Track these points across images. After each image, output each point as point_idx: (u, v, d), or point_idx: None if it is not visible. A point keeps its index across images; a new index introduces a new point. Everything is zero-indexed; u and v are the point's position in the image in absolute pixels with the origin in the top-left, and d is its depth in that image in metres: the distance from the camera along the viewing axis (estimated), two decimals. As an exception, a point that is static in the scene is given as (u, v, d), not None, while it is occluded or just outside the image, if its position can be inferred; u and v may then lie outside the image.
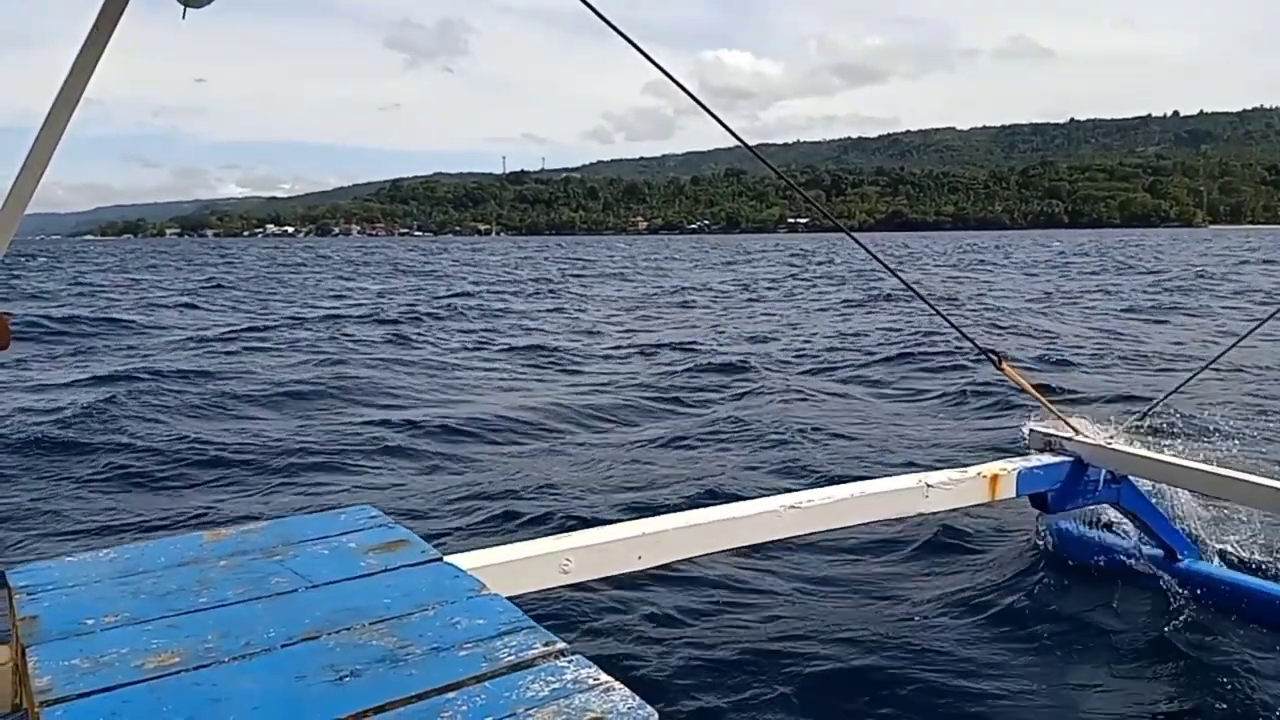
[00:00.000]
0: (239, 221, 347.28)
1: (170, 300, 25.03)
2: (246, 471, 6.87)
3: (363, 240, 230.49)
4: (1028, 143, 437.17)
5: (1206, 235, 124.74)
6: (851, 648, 3.82)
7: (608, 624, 4.05)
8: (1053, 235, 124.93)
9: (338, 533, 2.55)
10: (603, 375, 11.58)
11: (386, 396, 10.12)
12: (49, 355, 13.39)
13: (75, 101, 2.64)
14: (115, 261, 63.39)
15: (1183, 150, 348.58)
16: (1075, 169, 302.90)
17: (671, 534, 3.19)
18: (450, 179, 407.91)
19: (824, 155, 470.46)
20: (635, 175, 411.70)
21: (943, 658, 3.74)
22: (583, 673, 1.71)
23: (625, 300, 25.41)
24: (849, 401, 9.79)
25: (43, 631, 1.95)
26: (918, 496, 3.75)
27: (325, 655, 1.81)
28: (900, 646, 3.83)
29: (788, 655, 3.77)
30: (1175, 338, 14.79)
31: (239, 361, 12.37)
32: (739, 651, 3.81)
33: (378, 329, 16.90)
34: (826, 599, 4.37)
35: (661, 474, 6.67)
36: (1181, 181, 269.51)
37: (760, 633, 4.01)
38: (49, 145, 2.65)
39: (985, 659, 3.73)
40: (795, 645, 3.86)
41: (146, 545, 2.53)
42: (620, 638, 3.93)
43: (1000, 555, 4.84)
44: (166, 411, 8.86)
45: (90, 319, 18.41)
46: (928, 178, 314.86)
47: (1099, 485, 4.17)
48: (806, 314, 20.18)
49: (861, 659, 3.73)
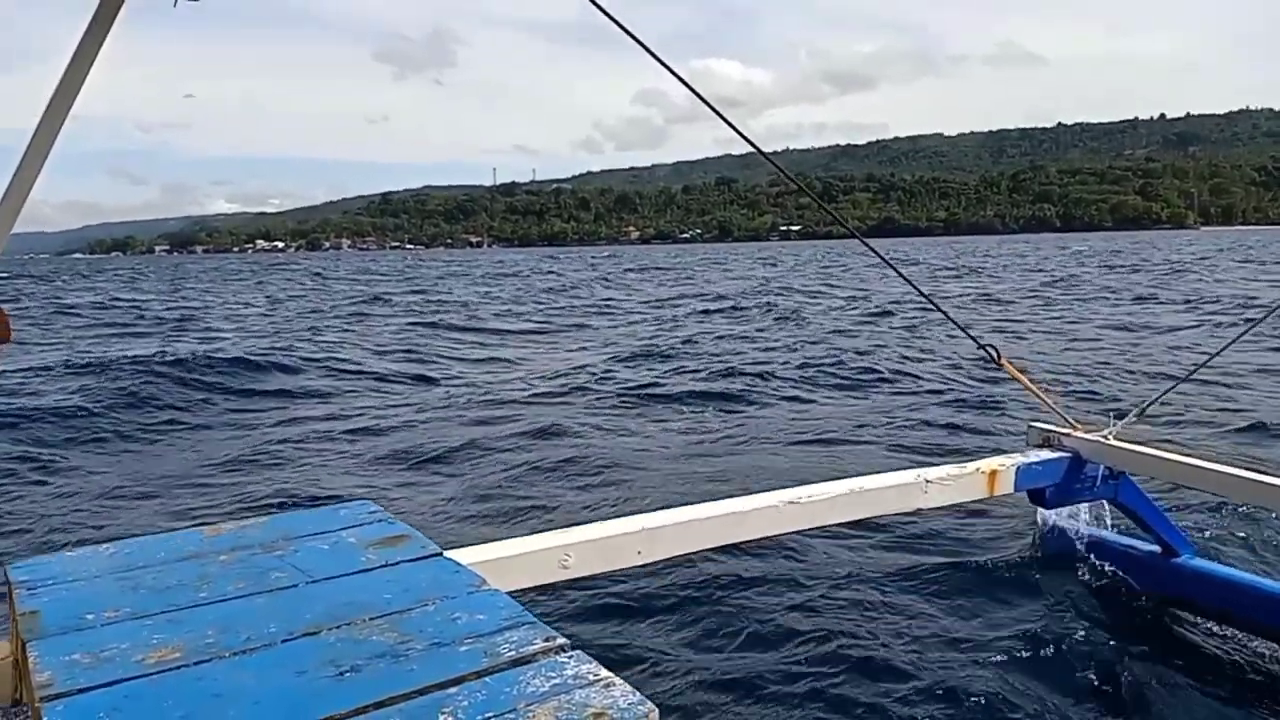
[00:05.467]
0: (228, 237, 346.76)
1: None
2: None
3: (387, 252, 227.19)
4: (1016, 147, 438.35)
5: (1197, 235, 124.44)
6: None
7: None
8: (1067, 239, 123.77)
9: (338, 528, 2.55)
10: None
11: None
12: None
13: (63, 117, 2.63)
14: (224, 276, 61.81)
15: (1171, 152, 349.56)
16: (1065, 172, 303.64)
17: (671, 529, 3.19)
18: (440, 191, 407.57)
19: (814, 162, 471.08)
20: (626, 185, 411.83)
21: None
22: (583, 668, 1.71)
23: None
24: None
25: (43, 626, 1.94)
26: (916, 492, 3.75)
27: (326, 650, 1.81)
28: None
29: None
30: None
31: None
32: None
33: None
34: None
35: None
36: (1172, 184, 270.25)
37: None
38: (36, 162, 2.63)
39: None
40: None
41: (147, 540, 2.53)
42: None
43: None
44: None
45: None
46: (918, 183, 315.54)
47: (1097, 481, 4.18)
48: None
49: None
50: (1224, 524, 4.92)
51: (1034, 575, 4.50)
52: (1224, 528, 4.86)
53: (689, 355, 13.73)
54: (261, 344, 15.32)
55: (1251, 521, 4.94)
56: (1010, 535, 5.01)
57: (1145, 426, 4.53)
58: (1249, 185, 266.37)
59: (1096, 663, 3.70)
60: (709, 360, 12.97)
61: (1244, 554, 4.27)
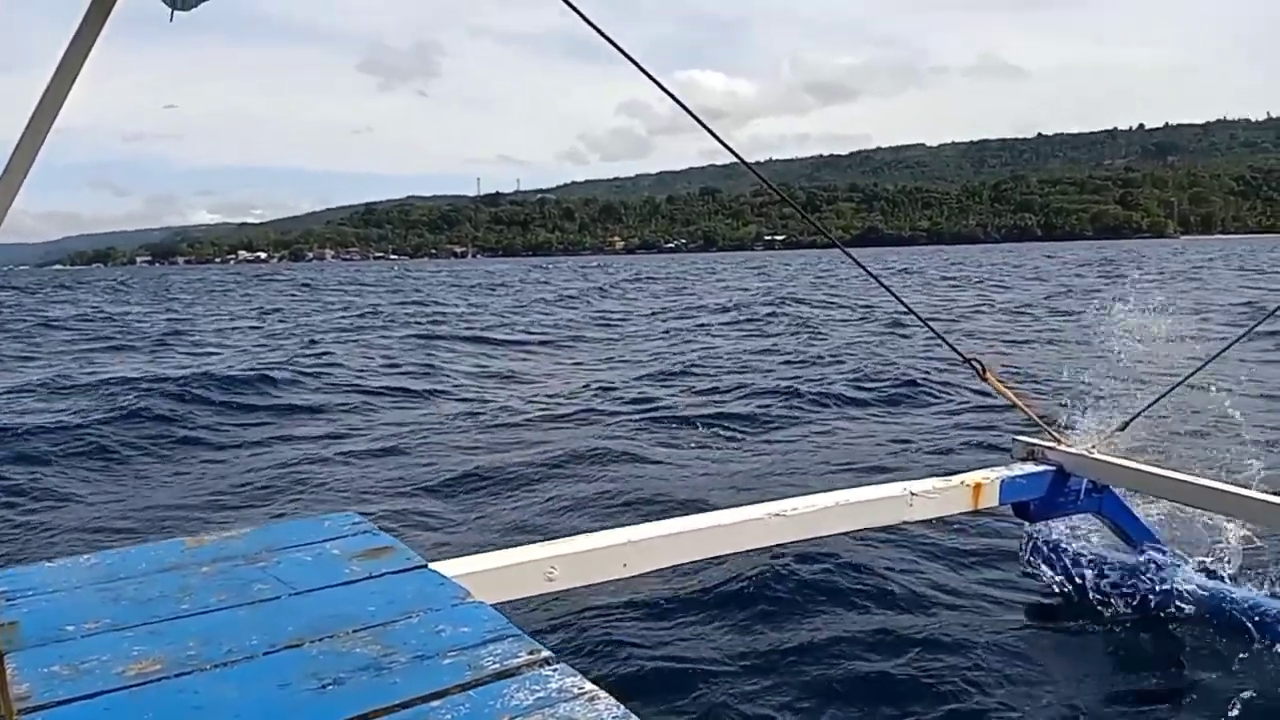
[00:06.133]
0: (210, 248, 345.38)
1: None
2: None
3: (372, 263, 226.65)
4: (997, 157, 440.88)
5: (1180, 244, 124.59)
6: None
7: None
8: (1049, 248, 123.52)
9: (321, 539, 2.54)
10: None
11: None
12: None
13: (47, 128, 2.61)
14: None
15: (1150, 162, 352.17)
16: (1046, 182, 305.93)
17: (656, 541, 3.19)
18: (424, 202, 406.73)
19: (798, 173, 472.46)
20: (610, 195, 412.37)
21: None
22: (567, 681, 1.71)
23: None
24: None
25: (22, 638, 1.93)
26: (902, 505, 3.76)
27: (308, 663, 1.80)
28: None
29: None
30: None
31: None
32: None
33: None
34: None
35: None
36: (1152, 193, 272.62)
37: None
38: (20, 173, 2.62)
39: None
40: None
41: (128, 551, 2.51)
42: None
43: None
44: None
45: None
46: (901, 193, 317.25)
47: (1081, 494, 4.20)
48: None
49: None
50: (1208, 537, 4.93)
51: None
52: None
53: (717, 370, 12.95)
54: (262, 358, 15.04)
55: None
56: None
57: (1147, 435, 4.52)
58: (1227, 195, 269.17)
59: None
60: (739, 376, 12.28)
61: (1227, 567, 4.28)
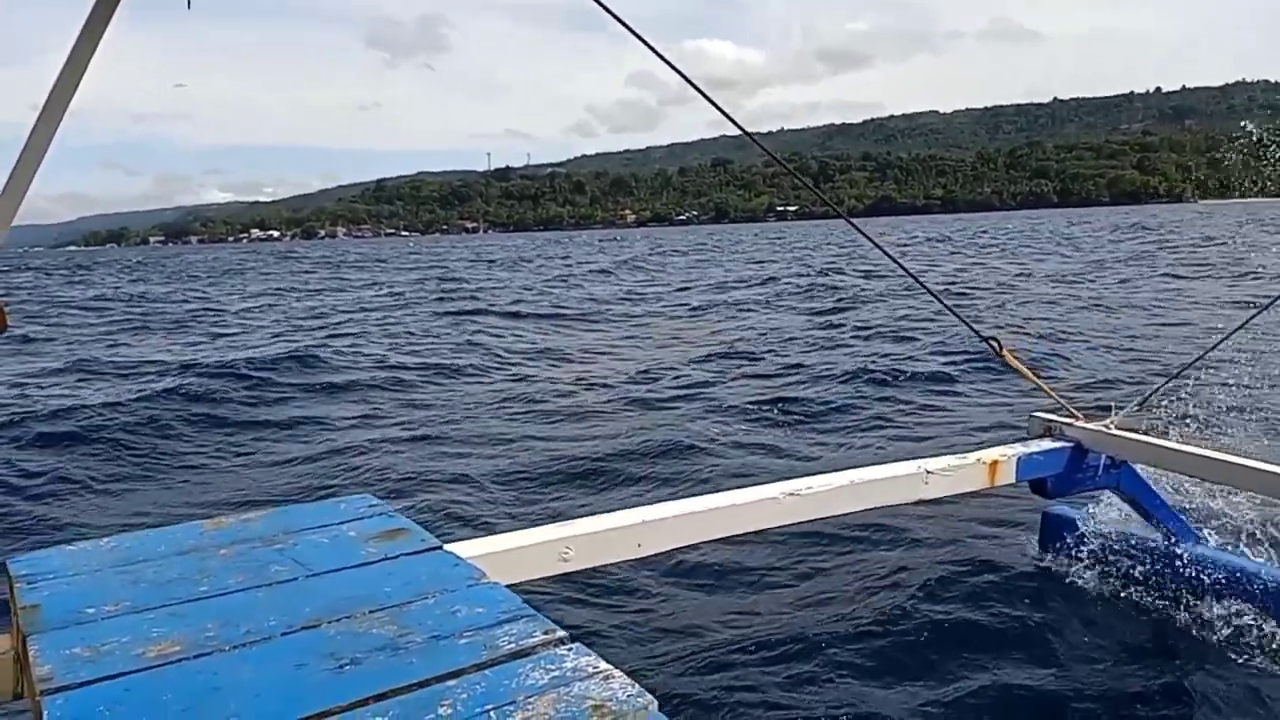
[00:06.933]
0: (223, 227, 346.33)
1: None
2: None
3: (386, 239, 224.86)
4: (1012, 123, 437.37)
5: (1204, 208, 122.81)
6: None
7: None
8: (1084, 214, 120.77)
9: (338, 521, 2.55)
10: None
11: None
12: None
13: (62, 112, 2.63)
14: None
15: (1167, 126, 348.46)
16: (1062, 148, 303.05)
17: (671, 522, 3.19)
18: (435, 178, 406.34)
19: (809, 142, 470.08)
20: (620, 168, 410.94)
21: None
22: (582, 661, 1.71)
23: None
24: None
25: (44, 620, 1.95)
26: (917, 483, 3.73)
27: (325, 643, 1.81)
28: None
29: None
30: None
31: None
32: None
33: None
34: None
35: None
36: (1169, 157, 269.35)
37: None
38: (35, 156, 2.63)
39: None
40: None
41: (147, 534, 2.53)
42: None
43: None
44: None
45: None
46: (915, 161, 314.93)
47: (1099, 470, 4.15)
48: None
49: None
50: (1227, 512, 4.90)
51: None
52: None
53: (770, 349, 12.60)
54: (297, 340, 14.88)
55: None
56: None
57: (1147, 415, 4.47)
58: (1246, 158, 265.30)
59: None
60: (802, 355, 11.99)
61: (1248, 542, 4.25)
